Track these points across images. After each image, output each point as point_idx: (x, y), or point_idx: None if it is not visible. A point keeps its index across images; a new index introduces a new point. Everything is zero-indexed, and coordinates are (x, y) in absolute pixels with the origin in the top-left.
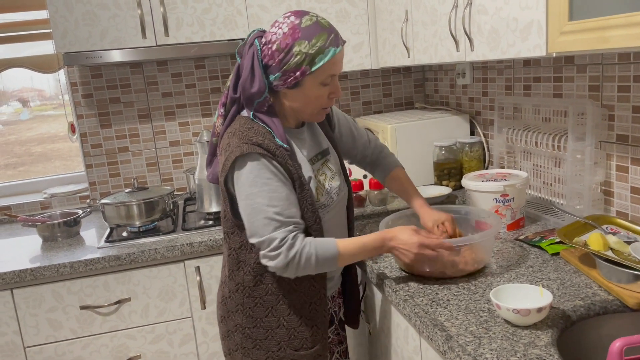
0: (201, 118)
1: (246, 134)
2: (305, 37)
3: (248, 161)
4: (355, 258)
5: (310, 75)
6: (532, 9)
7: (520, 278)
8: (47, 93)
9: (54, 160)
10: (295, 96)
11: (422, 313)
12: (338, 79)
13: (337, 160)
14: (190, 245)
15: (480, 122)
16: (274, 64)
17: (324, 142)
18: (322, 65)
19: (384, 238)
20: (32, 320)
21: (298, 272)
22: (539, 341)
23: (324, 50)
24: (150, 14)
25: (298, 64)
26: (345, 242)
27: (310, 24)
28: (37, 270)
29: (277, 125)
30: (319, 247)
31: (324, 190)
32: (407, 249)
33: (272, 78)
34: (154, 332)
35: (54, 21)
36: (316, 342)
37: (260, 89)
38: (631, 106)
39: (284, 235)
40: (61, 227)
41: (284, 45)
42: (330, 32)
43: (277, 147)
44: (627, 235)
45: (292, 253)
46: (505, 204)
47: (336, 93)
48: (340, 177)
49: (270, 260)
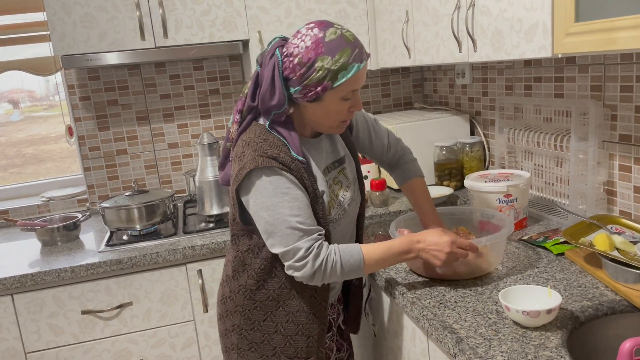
0: (200, 120)
1: (261, 146)
2: (328, 52)
3: (263, 174)
4: (381, 264)
5: (332, 90)
6: (537, 10)
7: (527, 279)
8: (37, 94)
9: (45, 161)
10: (315, 110)
11: (430, 315)
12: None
13: (354, 168)
14: (192, 248)
15: (480, 122)
16: (295, 77)
17: (342, 150)
18: (345, 81)
19: (411, 241)
20: (33, 325)
21: (325, 280)
22: (549, 343)
23: (347, 66)
24: (149, 16)
25: (320, 79)
26: (370, 248)
27: (334, 37)
28: (37, 275)
29: (293, 137)
30: (344, 255)
31: (336, 203)
32: (439, 249)
33: (292, 90)
34: (156, 336)
35: (51, 23)
36: (311, 353)
37: (280, 102)
38: (634, 106)
39: (309, 245)
40: (61, 231)
41: (306, 59)
42: (354, 47)
43: (292, 160)
44: (633, 235)
45: (319, 262)
46: (508, 204)
47: (357, 107)
48: (355, 186)
49: (296, 270)
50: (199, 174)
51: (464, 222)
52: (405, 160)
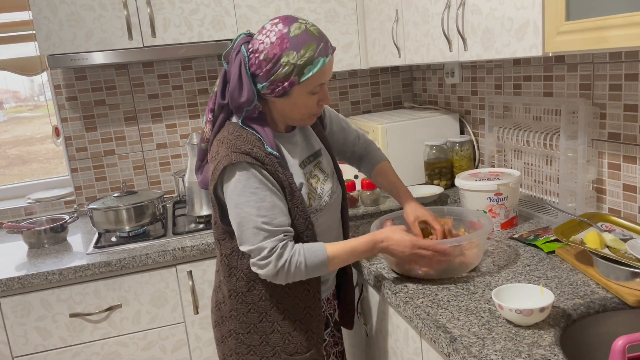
0: (189, 120)
1: (234, 142)
2: (293, 48)
3: (237, 170)
4: (346, 262)
5: (299, 85)
6: (527, 8)
7: (518, 277)
8: (22, 94)
9: (30, 163)
10: (284, 104)
11: (423, 315)
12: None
13: (330, 162)
14: (182, 249)
15: (469, 121)
16: (262, 73)
17: (316, 144)
18: (311, 75)
19: (374, 240)
20: (20, 329)
21: (288, 279)
22: (542, 341)
23: (313, 60)
24: (136, 15)
25: (286, 74)
26: (335, 247)
27: (299, 32)
28: (24, 278)
29: (267, 131)
30: (307, 254)
31: (316, 195)
32: (401, 250)
33: (259, 86)
34: (146, 339)
35: (37, 22)
36: (311, 346)
37: (249, 98)
38: (623, 104)
39: (273, 245)
40: (48, 234)
41: (271, 55)
42: (319, 40)
43: (266, 154)
44: (623, 232)
45: (282, 262)
46: (499, 203)
47: (325, 100)
48: (333, 179)
49: (260, 268)
50: (188, 174)
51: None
52: (372, 149)
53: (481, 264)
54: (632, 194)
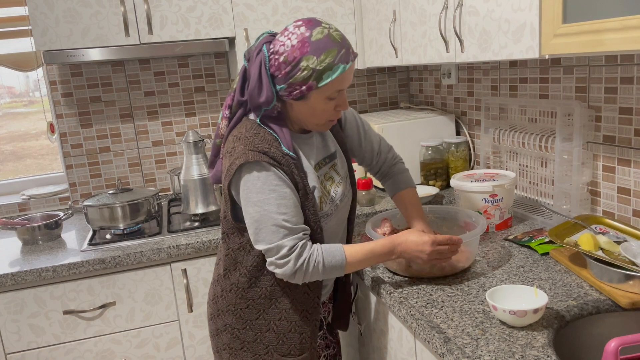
0: (185, 117)
1: (252, 140)
2: (313, 52)
3: (254, 168)
4: (362, 265)
5: (317, 90)
6: (524, 11)
7: (512, 278)
8: (17, 90)
9: (25, 158)
10: (301, 108)
11: (418, 315)
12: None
13: (345, 164)
14: (176, 247)
15: (465, 122)
16: (280, 75)
17: (332, 146)
18: (330, 81)
19: (393, 243)
20: (13, 326)
21: (305, 279)
22: (535, 342)
23: (332, 67)
24: (133, 12)
25: (305, 78)
26: (353, 249)
27: (321, 37)
28: (18, 274)
29: (284, 132)
30: (326, 254)
31: (328, 198)
32: (420, 249)
33: (278, 88)
34: (139, 337)
35: (33, 18)
36: (304, 349)
37: (268, 98)
38: (618, 107)
39: (293, 244)
40: (42, 230)
41: (291, 58)
42: (341, 47)
43: (283, 155)
44: (616, 235)
45: (301, 261)
46: (494, 204)
47: (343, 106)
48: (346, 182)
49: (278, 267)
50: (184, 172)
51: (448, 222)
52: (398, 170)
53: (475, 266)
54: (626, 196)
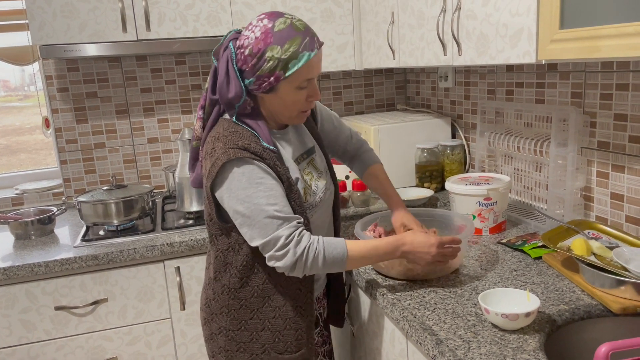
0: (181, 115)
1: (231, 138)
2: (277, 42)
3: (237, 165)
4: (364, 261)
5: (285, 80)
6: (522, 16)
7: (505, 282)
8: (12, 84)
9: (19, 153)
10: (272, 100)
11: (410, 317)
12: (319, 80)
13: (323, 159)
14: (170, 245)
15: (461, 125)
16: (248, 68)
17: (309, 141)
18: (296, 70)
19: (397, 243)
20: (4, 321)
21: (306, 270)
22: (527, 346)
23: (297, 55)
24: (131, 8)
25: (271, 69)
26: (355, 244)
27: (283, 27)
28: (10, 269)
29: (261, 127)
30: (327, 246)
31: (310, 191)
32: (427, 251)
33: (247, 82)
34: (131, 334)
35: (30, 12)
36: (301, 346)
37: (237, 93)
38: (613, 114)
39: (289, 232)
40: (35, 225)
41: (256, 50)
42: (304, 35)
43: (263, 149)
44: (609, 240)
45: (300, 249)
46: (488, 208)
47: (314, 96)
48: (327, 176)
49: (278, 260)
50: (179, 169)
51: (440, 225)
52: (365, 149)
53: (469, 268)
54: (619, 202)
